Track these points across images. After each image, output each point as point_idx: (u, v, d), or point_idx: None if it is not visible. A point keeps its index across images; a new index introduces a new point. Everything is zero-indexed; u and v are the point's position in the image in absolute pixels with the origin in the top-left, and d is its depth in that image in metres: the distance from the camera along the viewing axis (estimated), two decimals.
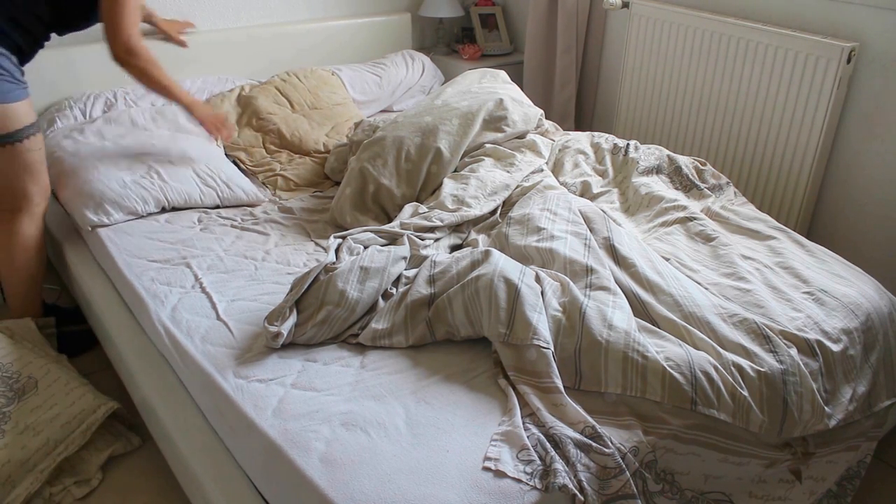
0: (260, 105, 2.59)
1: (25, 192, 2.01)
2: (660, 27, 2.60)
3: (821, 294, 1.63)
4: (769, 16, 2.37)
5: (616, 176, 2.17)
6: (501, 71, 2.60)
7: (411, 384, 1.42)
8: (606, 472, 1.24)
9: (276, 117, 2.57)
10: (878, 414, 1.63)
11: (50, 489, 1.72)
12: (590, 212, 1.82)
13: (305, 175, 2.41)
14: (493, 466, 1.22)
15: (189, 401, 1.60)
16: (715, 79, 2.47)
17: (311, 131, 2.58)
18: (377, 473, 1.20)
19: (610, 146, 2.26)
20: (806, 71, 2.21)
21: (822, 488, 1.57)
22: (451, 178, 2.10)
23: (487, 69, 2.61)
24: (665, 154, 2.19)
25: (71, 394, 1.82)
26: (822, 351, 1.50)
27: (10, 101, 1.87)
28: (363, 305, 1.58)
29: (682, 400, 1.35)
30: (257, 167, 2.44)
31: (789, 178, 2.34)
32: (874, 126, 2.19)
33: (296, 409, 1.35)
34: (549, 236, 1.72)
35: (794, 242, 1.85)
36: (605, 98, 3.07)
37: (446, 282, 1.59)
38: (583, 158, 2.25)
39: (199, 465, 1.46)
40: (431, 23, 3.46)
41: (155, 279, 1.81)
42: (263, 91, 2.65)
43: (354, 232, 1.82)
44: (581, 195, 2.10)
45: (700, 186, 2.09)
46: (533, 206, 1.86)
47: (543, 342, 1.41)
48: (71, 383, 1.84)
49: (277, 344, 1.51)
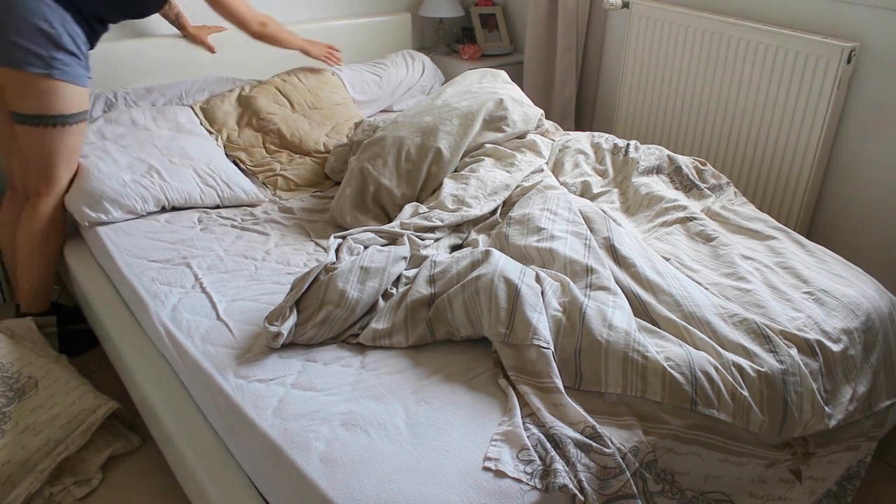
0: (260, 105, 2.59)
1: (58, 174, 2.05)
2: (660, 27, 2.60)
3: (821, 294, 1.63)
4: (769, 16, 2.37)
5: (616, 176, 2.17)
6: (501, 71, 2.60)
7: (411, 384, 1.42)
8: (606, 472, 1.24)
9: (276, 117, 2.57)
10: (879, 414, 1.63)
11: (50, 489, 1.72)
12: (590, 212, 1.82)
13: (305, 175, 2.41)
14: (494, 466, 1.22)
15: (189, 401, 1.60)
16: (715, 79, 2.47)
17: (312, 131, 2.58)
18: (377, 473, 1.20)
19: (610, 146, 2.26)
20: (806, 71, 2.21)
21: (822, 488, 1.57)
22: (451, 178, 2.10)
23: (487, 69, 2.61)
24: (665, 154, 2.19)
25: (71, 394, 1.82)
26: (823, 351, 1.50)
27: (80, 85, 1.98)
28: (363, 305, 1.58)
29: (682, 400, 1.35)
30: (257, 167, 2.44)
31: (789, 179, 2.34)
32: (874, 126, 2.19)
33: (296, 409, 1.35)
34: (550, 236, 1.72)
35: (794, 242, 1.85)
36: (605, 98, 3.07)
37: (446, 282, 1.59)
38: (583, 158, 2.25)
39: (199, 465, 1.46)
40: (431, 23, 3.46)
41: (155, 279, 1.81)
42: (263, 91, 2.65)
43: (354, 232, 1.82)
44: (581, 195, 2.10)
45: (700, 186, 2.09)
46: (533, 206, 1.86)
47: (543, 342, 1.41)
48: (71, 383, 1.85)
49: (277, 344, 1.51)
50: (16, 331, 2.00)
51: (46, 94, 1.92)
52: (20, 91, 1.91)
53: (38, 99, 1.92)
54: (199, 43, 2.70)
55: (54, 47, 1.91)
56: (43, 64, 1.89)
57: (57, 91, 1.93)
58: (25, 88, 1.90)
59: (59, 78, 1.92)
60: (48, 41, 1.90)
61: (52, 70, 1.91)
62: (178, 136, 2.35)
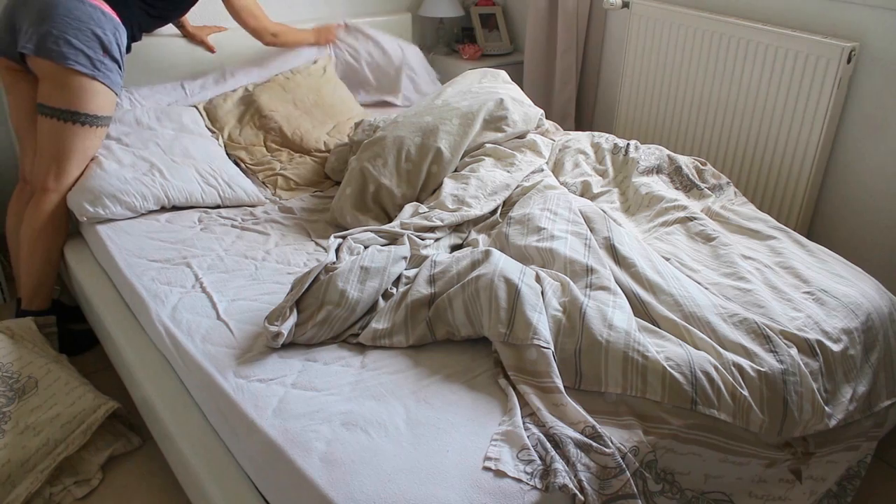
0: (262, 103, 2.60)
1: (70, 171, 2.08)
2: (660, 27, 2.60)
3: (821, 294, 1.63)
4: (769, 16, 2.37)
5: (616, 176, 2.17)
6: (502, 71, 2.60)
7: (411, 384, 1.42)
8: (607, 471, 1.24)
9: (277, 115, 2.57)
10: (879, 414, 1.63)
11: (50, 489, 1.72)
12: (590, 212, 1.82)
13: (306, 175, 2.41)
14: (494, 466, 1.22)
15: (189, 401, 1.60)
16: (715, 79, 2.47)
17: (313, 130, 2.58)
18: (377, 473, 1.20)
19: (610, 146, 2.26)
20: (806, 71, 2.21)
21: (822, 488, 1.57)
22: (451, 177, 2.10)
23: (488, 69, 2.61)
24: (665, 154, 2.19)
25: (71, 393, 1.82)
26: (823, 351, 1.50)
27: (115, 92, 2.08)
28: (363, 305, 1.58)
29: (682, 400, 1.35)
30: (257, 166, 2.44)
31: (789, 178, 2.34)
32: (874, 126, 2.19)
33: (296, 408, 1.35)
34: (550, 236, 1.72)
35: (794, 242, 1.85)
36: (605, 98, 3.08)
37: (446, 282, 1.59)
38: (583, 158, 2.25)
39: (199, 465, 1.46)
40: (431, 23, 3.46)
41: (155, 279, 1.81)
42: (267, 89, 2.65)
43: (355, 232, 1.82)
44: (581, 195, 2.10)
45: (700, 186, 2.09)
46: (533, 205, 1.86)
47: (544, 342, 1.41)
48: (71, 383, 1.85)
49: (278, 344, 1.51)
50: (16, 331, 2.00)
51: (85, 92, 2.00)
52: (59, 85, 1.98)
53: (75, 95, 1.99)
54: (198, 43, 2.71)
55: (104, 52, 2.01)
56: (90, 65, 1.99)
57: (96, 92, 2.02)
58: (66, 83, 1.97)
59: (102, 80, 2.02)
60: (100, 46, 2.00)
61: (97, 73, 2.00)
62: (182, 135, 2.35)
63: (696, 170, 2.15)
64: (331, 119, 2.66)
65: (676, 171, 2.14)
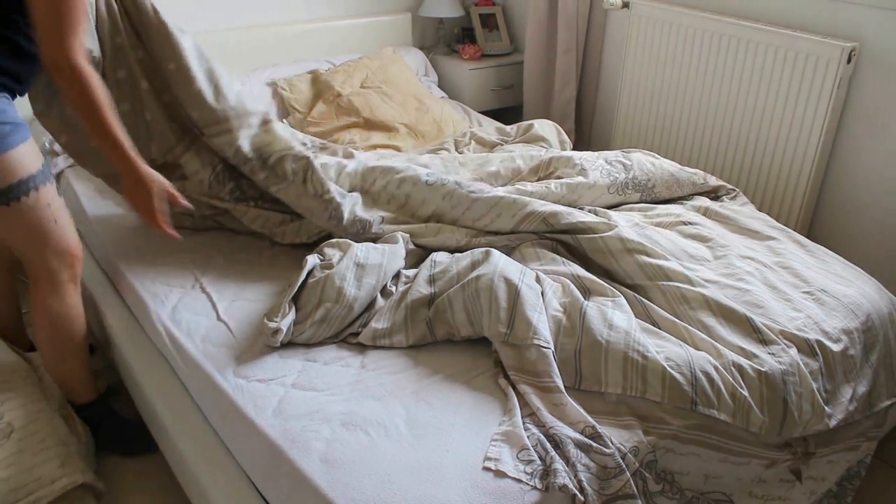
0: (333, 83, 2.70)
1: (41, 260, 1.59)
2: (660, 27, 2.60)
3: (821, 294, 1.63)
4: (769, 16, 2.37)
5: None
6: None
7: (411, 384, 1.41)
8: (606, 472, 1.24)
9: (349, 94, 2.66)
10: (879, 414, 1.63)
11: None
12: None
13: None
14: (494, 466, 1.22)
15: (189, 401, 1.60)
16: (715, 79, 2.47)
17: (383, 106, 2.67)
18: (377, 473, 1.20)
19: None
20: (806, 71, 2.20)
21: (822, 488, 1.57)
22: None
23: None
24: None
25: (37, 455, 1.57)
26: (822, 351, 1.50)
27: (5, 150, 1.44)
28: (361, 303, 1.58)
29: (682, 400, 1.35)
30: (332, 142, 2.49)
31: (789, 179, 2.34)
32: (874, 126, 2.19)
33: (296, 408, 1.35)
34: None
35: (794, 242, 1.85)
36: (606, 98, 3.07)
37: (446, 281, 1.59)
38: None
39: (199, 466, 1.46)
40: (431, 23, 3.46)
41: (155, 279, 1.81)
42: (337, 73, 2.78)
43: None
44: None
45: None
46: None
47: (544, 342, 1.41)
48: (46, 441, 1.60)
49: (277, 341, 1.51)
50: (37, 363, 1.80)
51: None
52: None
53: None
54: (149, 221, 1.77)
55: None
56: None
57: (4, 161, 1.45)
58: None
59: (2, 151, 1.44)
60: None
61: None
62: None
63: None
64: (401, 96, 2.73)
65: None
